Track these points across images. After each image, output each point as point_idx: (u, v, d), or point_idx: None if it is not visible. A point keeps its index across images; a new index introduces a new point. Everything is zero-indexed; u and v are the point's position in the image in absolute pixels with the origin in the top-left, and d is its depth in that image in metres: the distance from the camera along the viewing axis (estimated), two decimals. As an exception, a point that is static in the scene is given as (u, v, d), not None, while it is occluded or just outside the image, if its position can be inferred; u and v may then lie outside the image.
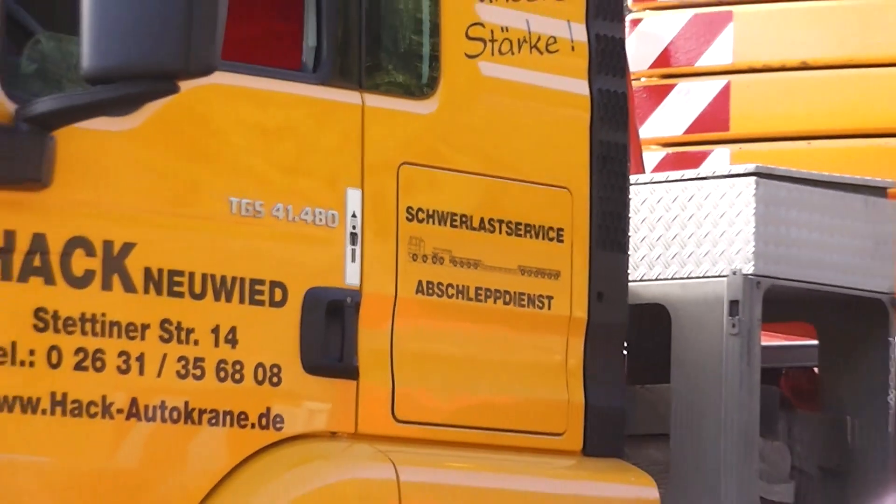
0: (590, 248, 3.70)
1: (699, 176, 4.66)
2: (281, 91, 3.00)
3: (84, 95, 2.33)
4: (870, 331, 4.59)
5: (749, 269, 4.12)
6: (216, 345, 2.69)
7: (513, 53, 3.55)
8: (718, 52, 6.52)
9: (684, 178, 4.59)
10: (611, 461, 3.78)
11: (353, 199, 3.06)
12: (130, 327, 2.52)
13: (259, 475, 2.74)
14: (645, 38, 6.68)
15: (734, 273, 4.11)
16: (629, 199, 3.98)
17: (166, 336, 2.58)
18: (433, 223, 3.25)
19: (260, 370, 2.77)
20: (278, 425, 2.79)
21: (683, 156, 6.55)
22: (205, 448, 2.68)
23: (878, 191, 4.76)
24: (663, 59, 6.58)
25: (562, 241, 3.59)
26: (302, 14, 3.16)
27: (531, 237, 3.51)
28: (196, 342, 2.63)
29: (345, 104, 3.15)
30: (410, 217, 3.18)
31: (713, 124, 6.49)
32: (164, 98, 2.38)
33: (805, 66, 6.22)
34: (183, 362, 2.61)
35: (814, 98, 6.27)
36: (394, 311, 3.09)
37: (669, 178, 4.49)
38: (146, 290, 2.55)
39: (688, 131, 6.56)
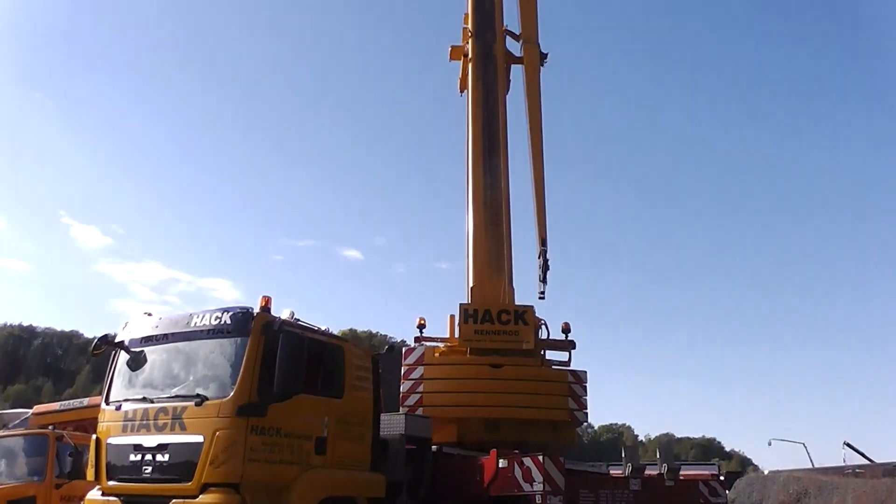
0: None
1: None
2: (312, 397, 8.88)
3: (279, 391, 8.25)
4: None
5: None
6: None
7: (366, 378, 9.81)
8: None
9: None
10: (375, 473, 9.58)
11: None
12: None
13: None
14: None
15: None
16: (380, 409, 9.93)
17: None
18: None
19: None
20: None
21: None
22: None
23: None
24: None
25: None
26: (317, 375, 9.08)
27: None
28: None
29: (328, 401, 9.12)
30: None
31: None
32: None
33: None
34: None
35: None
36: None
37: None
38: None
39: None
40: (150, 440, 8.39)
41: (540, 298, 13.94)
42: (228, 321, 8.57)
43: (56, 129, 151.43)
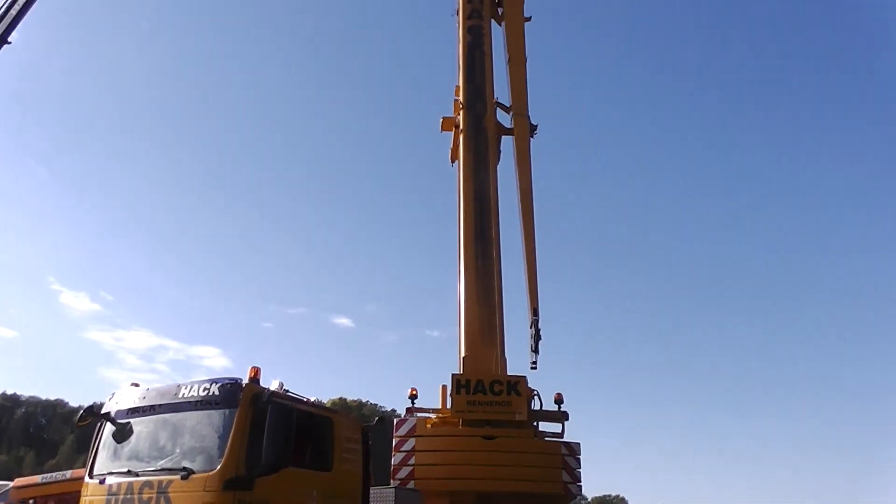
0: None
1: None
2: (300, 470, 8.48)
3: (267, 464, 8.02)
4: None
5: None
6: None
7: (355, 450, 9.17)
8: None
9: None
10: None
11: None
12: None
13: None
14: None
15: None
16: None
17: None
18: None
19: None
20: None
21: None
22: None
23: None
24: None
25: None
26: (306, 448, 8.59)
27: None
28: None
29: (316, 474, 8.73)
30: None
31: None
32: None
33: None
34: None
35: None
36: None
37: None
38: None
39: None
40: None
41: (532, 368, 13.89)
42: (217, 392, 8.44)
43: (47, 196, 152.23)
